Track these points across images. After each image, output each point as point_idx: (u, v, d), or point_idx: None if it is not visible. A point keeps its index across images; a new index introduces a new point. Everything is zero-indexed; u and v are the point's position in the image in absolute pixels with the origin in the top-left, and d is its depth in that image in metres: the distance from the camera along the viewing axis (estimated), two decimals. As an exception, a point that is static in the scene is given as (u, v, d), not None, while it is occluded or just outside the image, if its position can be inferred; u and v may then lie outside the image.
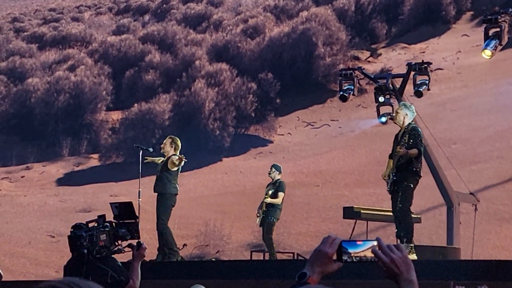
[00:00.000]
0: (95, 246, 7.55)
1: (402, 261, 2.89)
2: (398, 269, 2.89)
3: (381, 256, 2.89)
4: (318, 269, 2.89)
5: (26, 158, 30.03)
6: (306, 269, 2.90)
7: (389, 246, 2.92)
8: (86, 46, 37.07)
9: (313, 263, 2.91)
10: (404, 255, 2.92)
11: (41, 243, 22.10)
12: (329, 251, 2.91)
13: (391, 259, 2.89)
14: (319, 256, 2.92)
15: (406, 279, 2.90)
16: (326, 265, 2.90)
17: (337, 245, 2.92)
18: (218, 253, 20.26)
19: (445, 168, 16.82)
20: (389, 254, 2.90)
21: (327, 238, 2.96)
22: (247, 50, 33.19)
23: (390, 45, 35.56)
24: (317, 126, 30.12)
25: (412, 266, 2.92)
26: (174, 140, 13.93)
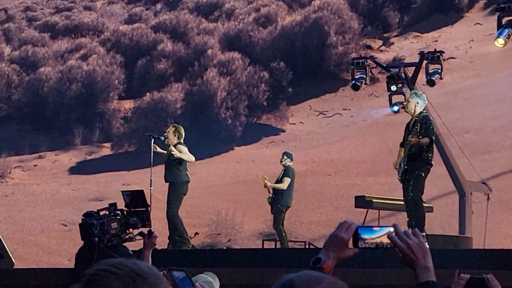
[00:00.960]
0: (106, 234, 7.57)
1: (419, 247, 2.88)
2: (415, 255, 2.87)
3: (398, 242, 2.87)
4: (334, 254, 2.87)
5: (39, 147, 30.11)
6: (321, 254, 2.89)
7: (406, 232, 2.91)
8: (98, 35, 37.08)
9: (329, 248, 2.89)
10: (421, 241, 2.91)
11: (54, 231, 22.18)
12: (345, 236, 2.90)
13: (408, 244, 2.88)
14: (335, 241, 2.90)
15: (422, 266, 2.88)
16: (342, 250, 2.89)
17: (353, 230, 2.90)
18: (229, 242, 20.29)
19: (458, 157, 16.77)
20: (406, 240, 2.88)
21: (343, 223, 2.94)
22: (259, 39, 33.13)
23: (403, 34, 35.43)
24: (329, 115, 30.07)
25: (429, 253, 2.90)
26: (177, 129, 13.88)
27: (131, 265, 2.05)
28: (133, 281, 2.01)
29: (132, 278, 2.02)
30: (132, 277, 2.02)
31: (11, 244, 19.16)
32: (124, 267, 2.04)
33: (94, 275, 2.04)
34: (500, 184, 20.46)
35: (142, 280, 2.02)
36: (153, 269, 2.08)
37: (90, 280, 2.03)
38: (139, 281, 2.02)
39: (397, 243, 2.87)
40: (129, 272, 2.03)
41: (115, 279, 2.01)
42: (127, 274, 2.02)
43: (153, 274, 2.06)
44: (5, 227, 22.04)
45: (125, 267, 2.04)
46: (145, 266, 2.07)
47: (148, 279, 2.03)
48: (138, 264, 2.07)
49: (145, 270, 2.05)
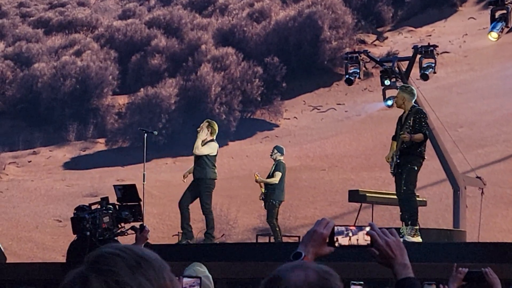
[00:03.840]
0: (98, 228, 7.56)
1: (397, 245, 2.92)
2: (393, 253, 2.90)
3: (377, 239, 2.90)
4: (313, 250, 2.90)
5: (33, 143, 30.07)
6: (301, 249, 2.91)
7: (383, 231, 2.94)
8: (92, 30, 37.00)
9: (308, 244, 2.92)
10: (398, 239, 2.95)
11: (48, 227, 22.16)
12: (324, 232, 2.93)
13: (386, 242, 2.91)
14: (314, 236, 2.93)
15: (400, 263, 2.92)
16: (320, 246, 2.92)
17: (331, 227, 2.93)
18: (223, 237, 20.28)
19: (452, 151, 16.79)
20: (384, 238, 2.92)
21: (321, 220, 2.98)
22: (253, 34, 33.11)
23: (396, 28, 35.43)
24: (323, 110, 30.08)
25: (405, 251, 2.95)
26: (210, 124, 13.79)
27: (136, 249, 2.07)
28: (138, 264, 2.03)
29: (137, 261, 2.03)
30: (138, 260, 2.03)
31: (6, 240, 19.15)
32: (130, 251, 2.05)
33: (100, 257, 2.05)
34: (494, 178, 20.48)
35: (147, 264, 2.03)
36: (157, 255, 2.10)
37: (95, 261, 2.04)
38: (145, 265, 2.03)
39: (377, 241, 2.90)
40: (134, 255, 2.04)
41: (120, 260, 2.02)
42: (132, 257, 2.03)
43: (157, 259, 2.07)
44: (0, 223, 22.02)
45: (130, 250, 2.06)
46: (150, 252, 2.08)
47: (153, 263, 2.04)
48: (142, 250, 2.08)
49: (150, 256, 2.07)
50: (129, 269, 2.01)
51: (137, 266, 2.02)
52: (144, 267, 2.02)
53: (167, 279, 2.05)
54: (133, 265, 2.02)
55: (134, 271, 2.01)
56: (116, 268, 2.01)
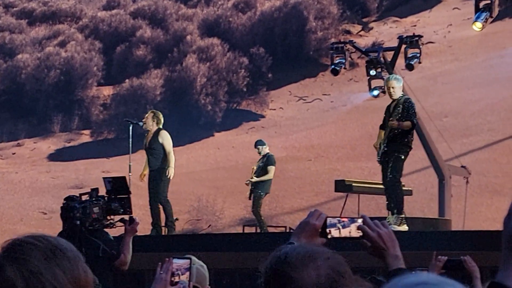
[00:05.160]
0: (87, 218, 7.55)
1: (389, 237, 2.93)
2: (385, 245, 2.92)
3: (369, 232, 2.91)
4: (305, 241, 2.91)
5: (17, 135, 29.93)
6: (293, 240, 2.92)
7: (375, 222, 2.96)
8: (76, 21, 36.81)
9: (300, 235, 2.93)
10: (390, 231, 2.96)
11: (33, 220, 22.10)
12: (316, 223, 2.93)
13: (379, 234, 2.92)
14: (307, 228, 2.94)
15: (392, 254, 2.93)
16: (313, 238, 2.92)
17: (323, 219, 2.93)
18: (210, 228, 20.30)
19: (437, 141, 16.85)
20: (376, 229, 2.93)
21: (314, 211, 2.99)
22: (239, 24, 33.05)
23: (382, 19, 35.46)
24: (309, 100, 30.09)
25: (397, 242, 2.96)
26: (156, 114, 13.81)
27: (52, 239, 2.07)
28: (52, 254, 2.03)
29: (52, 251, 2.03)
30: (52, 250, 2.04)
31: (-10, 233, 19.07)
32: (45, 240, 2.06)
33: (14, 244, 2.05)
34: (479, 167, 20.57)
35: (61, 253, 2.04)
36: (72, 246, 2.10)
37: (9, 248, 2.04)
38: (59, 255, 2.03)
39: (368, 233, 2.91)
40: (50, 245, 2.05)
41: (35, 249, 2.02)
42: (47, 247, 2.04)
43: (72, 250, 2.08)
44: (-16, 215, 21.93)
45: (46, 240, 2.06)
46: (65, 242, 2.09)
47: (68, 254, 2.05)
48: (58, 240, 2.09)
49: (65, 246, 2.07)
50: (44, 258, 2.01)
51: (51, 256, 2.02)
52: (59, 257, 2.03)
53: (81, 271, 2.06)
54: (48, 255, 2.02)
55: (49, 261, 2.01)
56: (30, 257, 2.01)
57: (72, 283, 2.02)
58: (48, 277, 1.99)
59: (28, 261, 2.00)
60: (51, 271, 2.00)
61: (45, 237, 2.08)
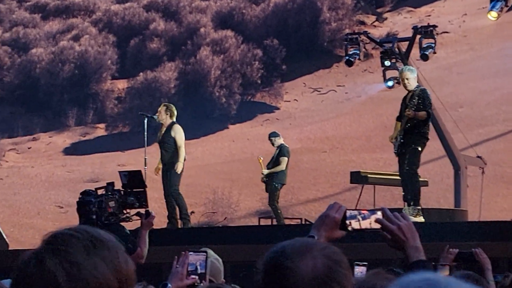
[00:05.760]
0: (103, 212, 7.56)
1: (408, 229, 2.92)
2: (405, 236, 2.91)
3: (388, 224, 2.91)
4: (325, 234, 2.91)
5: (32, 129, 30.03)
6: (313, 233, 2.92)
7: (395, 215, 2.95)
8: (90, 15, 36.85)
9: (320, 228, 2.93)
10: (410, 222, 2.96)
11: (50, 213, 22.18)
12: (336, 216, 2.93)
13: (398, 226, 2.91)
14: (326, 221, 2.94)
15: (412, 246, 2.92)
16: (333, 230, 2.92)
17: (343, 211, 2.93)
18: (226, 220, 20.32)
19: (452, 131, 16.80)
20: (396, 222, 2.92)
21: (333, 204, 2.99)
22: (252, 16, 33.01)
23: (396, 9, 35.33)
24: (323, 91, 30.04)
25: (417, 234, 2.95)
26: (168, 107, 13.82)
27: (92, 231, 2.08)
28: (93, 245, 2.04)
29: (92, 242, 2.04)
30: (92, 241, 2.04)
31: (7, 227, 19.17)
32: (85, 232, 2.06)
33: (54, 237, 2.06)
34: (495, 157, 20.49)
35: (102, 244, 2.05)
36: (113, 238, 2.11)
37: (50, 241, 2.05)
38: (99, 245, 2.04)
39: (387, 225, 2.90)
40: (90, 236, 2.05)
41: (75, 241, 2.03)
42: (88, 238, 2.04)
43: (113, 241, 2.09)
44: (1, 210, 22.03)
45: (85, 232, 2.06)
46: (105, 233, 2.09)
47: (108, 244, 2.06)
48: (99, 231, 2.09)
49: (106, 237, 2.08)
50: (84, 249, 2.02)
51: (92, 247, 2.03)
52: (99, 248, 2.03)
53: (121, 261, 2.06)
54: (88, 246, 2.03)
55: (89, 252, 2.02)
56: (71, 248, 2.01)
57: (113, 273, 2.02)
58: (89, 268, 2.00)
59: (69, 253, 2.00)
60: (92, 262, 2.01)
61: (85, 228, 2.08)
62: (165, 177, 13.77)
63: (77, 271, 1.99)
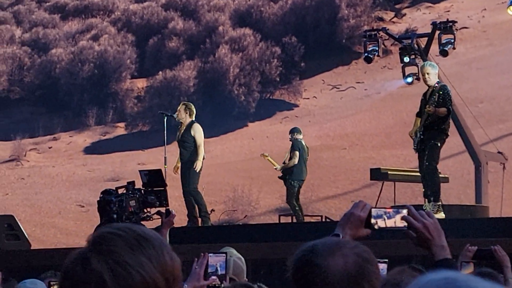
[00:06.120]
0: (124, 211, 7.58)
1: (434, 227, 2.92)
2: (431, 235, 2.90)
3: (414, 222, 2.90)
4: (350, 232, 2.91)
5: (53, 129, 30.18)
6: (338, 231, 2.91)
7: (421, 213, 2.94)
8: (109, 14, 36.98)
9: (345, 226, 2.93)
10: (436, 221, 2.95)
11: (71, 213, 22.29)
12: (361, 214, 2.93)
13: (424, 224, 2.90)
14: (351, 219, 2.93)
15: (438, 245, 2.91)
16: (358, 229, 2.92)
17: (368, 210, 2.93)
18: (246, 218, 20.33)
19: (472, 127, 16.72)
20: (422, 220, 2.91)
21: (358, 202, 2.98)
22: (270, 14, 33.01)
23: (415, 5, 35.21)
24: (342, 88, 29.99)
25: (443, 232, 2.94)
26: (188, 106, 13.85)
27: (136, 228, 2.07)
28: (138, 243, 2.03)
29: (137, 240, 2.03)
30: (137, 239, 2.04)
31: (29, 227, 19.28)
32: (130, 230, 2.06)
33: (100, 237, 2.06)
34: (516, 153, 20.36)
35: (147, 242, 2.04)
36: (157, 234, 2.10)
37: (95, 241, 2.05)
38: (144, 243, 2.03)
39: (413, 223, 2.90)
40: (134, 234, 2.04)
41: (120, 240, 2.03)
42: (132, 236, 2.04)
43: (157, 238, 2.08)
44: (23, 209, 22.16)
45: (130, 230, 2.06)
46: (150, 231, 2.09)
47: (153, 242, 2.05)
48: (143, 229, 2.09)
49: (150, 234, 2.07)
50: (130, 248, 2.01)
51: (137, 245, 2.02)
52: (144, 246, 2.03)
53: (167, 258, 2.05)
54: (133, 244, 2.02)
55: (135, 250, 2.01)
56: (116, 248, 2.01)
57: (159, 271, 2.02)
58: (135, 266, 1.99)
59: (114, 252, 2.00)
60: (137, 260, 2.00)
61: (130, 226, 2.08)
62: (184, 175, 13.80)
63: (123, 270, 1.98)
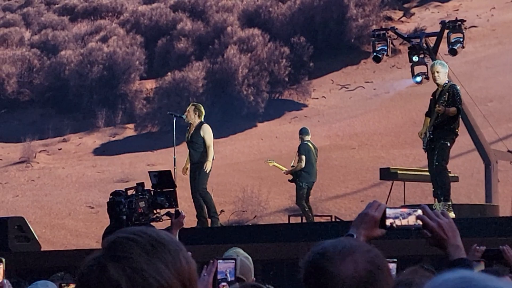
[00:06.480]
0: (134, 212, 7.59)
1: (449, 227, 2.90)
2: (445, 234, 2.89)
3: (429, 221, 2.89)
4: (364, 232, 2.89)
5: (63, 130, 30.23)
6: (352, 231, 2.90)
7: (436, 212, 2.94)
8: (118, 16, 37.03)
9: (359, 226, 2.91)
10: (451, 220, 2.93)
11: (81, 214, 22.33)
12: (376, 214, 2.91)
13: (439, 224, 2.89)
14: (366, 219, 2.92)
15: (453, 244, 2.90)
16: (372, 229, 2.91)
17: (382, 210, 2.92)
18: (255, 219, 20.33)
19: (482, 126, 16.68)
20: (436, 219, 2.90)
21: (373, 202, 2.97)
22: (279, 14, 33.00)
23: (423, 4, 35.14)
24: (351, 88, 29.96)
25: (458, 232, 2.93)
26: (197, 107, 13.86)
27: (151, 233, 2.06)
28: (153, 248, 2.02)
29: (153, 245, 2.02)
30: (153, 244, 2.03)
31: (39, 228, 19.33)
32: (145, 235, 2.04)
33: (115, 242, 2.05)
34: (526, 151, 20.30)
35: (162, 247, 2.03)
36: (173, 237, 2.09)
37: (111, 247, 2.04)
38: (160, 248, 2.02)
39: (428, 223, 2.89)
40: (150, 239, 2.03)
41: (136, 246, 2.01)
42: (148, 241, 2.03)
43: (173, 241, 2.07)
44: (33, 211, 22.21)
45: (145, 234, 2.05)
46: (165, 234, 2.07)
47: (169, 246, 2.04)
48: (158, 232, 2.07)
49: (166, 238, 2.06)
50: (145, 254, 2.00)
51: (153, 250, 2.01)
52: (160, 251, 2.02)
53: (183, 262, 2.04)
54: (149, 250, 2.01)
55: (151, 256, 2.00)
56: (132, 254, 2.00)
57: (175, 276, 2.01)
58: (152, 272, 1.98)
59: (130, 259, 1.99)
60: (154, 266, 1.99)
61: (145, 231, 2.06)
62: (193, 176, 13.80)
63: (140, 277, 1.97)
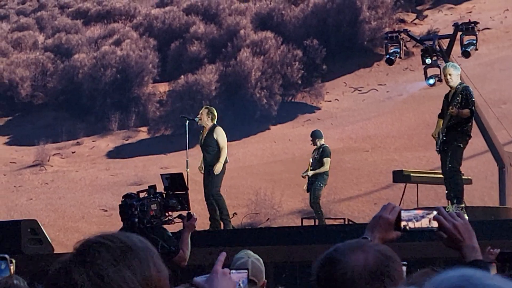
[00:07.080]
0: (146, 215, 7.60)
1: (465, 228, 2.89)
2: (461, 236, 2.88)
3: (445, 223, 2.88)
4: (379, 235, 2.89)
5: (76, 134, 30.32)
6: (367, 235, 2.90)
7: (451, 214, 2.92)
8: (131, 19, 37.13)
9: (374, 229, 2.91)
10: (466, 222, 2.92)
11: (94, 217, 22.37)
12: (390, 217, 2.90)
13: (454, 225, 2.88)
14: (380, 222, 2.91)
15: (469, 246, 2.88)
16: (387, 232, 2.90)
17: (397, 212, 2.91)
18: (268, 221, 20.32)
19: (496, 128, 16.63)
20: (452, 221, 2.89)
21: (387, 205, 2.96)
22: (292, 17, 33.01)
23: (436, 6, 35.07)
24: (364, 91, 29.91)
25: (474, 234, 2.91)
26: (210, 110, 13.86)
27: (124, 238, 2.02)
28: (123, 254, 1.99)
29: (123, 251, 1.99)
30: (123, 250, 1.99)
31: (53, 231, 19.38)
32: (116, 240, 2.01)
33: (85, 246, 2.03)
34: (540, 154, 20.20)
35: (132, 254, 1.99)
36: (147, 243, 2.05)
37: (79, 251, 2.02)
38: (129, 254, 1.99)
39: (444, 224, 2.87)
40: (121, 245, 2.00)
41: (105, 251, 1.99)
42: (118, 247, 2.00)
43: (145, 248, 2.03)
44: (46, 214, 22.28)
45: (117, 239, 2.01)
46: (138, 240, 2.03)
47: (139, 253, 2.00)
48: (131, 238, 2.04)
49: (137, 244, 2.02)
50: (114, 260, 1.97)
51: (121, 257, 1.98)
52: (129, 257, 1.98)
53: (152, 270, 2.00)
54: (117, 256, 1.98)
55: (118, 262, 1.97)
56: (98, 259, 1.97)
57: (142, 284, 1.97)
58: (117, 279, 1.95)
59: (96, 264, 1.97)
60: (120, 274, 1.96)
61: (118, 236, 2.04)
62: (206, 179, 13.81)
63: (104, 283, 1.94)
